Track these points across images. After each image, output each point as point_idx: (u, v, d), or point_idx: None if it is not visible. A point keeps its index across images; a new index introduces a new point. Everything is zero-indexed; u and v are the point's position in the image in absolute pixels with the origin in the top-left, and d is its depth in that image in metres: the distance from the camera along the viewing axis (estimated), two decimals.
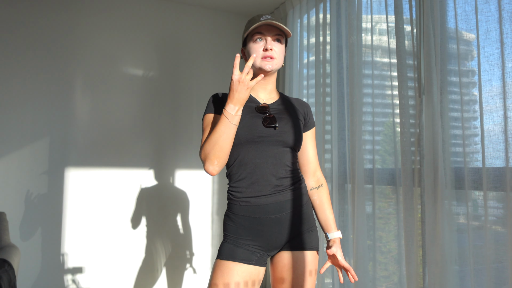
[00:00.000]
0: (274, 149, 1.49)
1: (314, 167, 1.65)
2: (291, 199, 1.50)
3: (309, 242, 1.53)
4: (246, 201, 1.47)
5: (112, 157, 3.09)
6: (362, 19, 2.38)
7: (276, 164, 1.49)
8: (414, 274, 1.94)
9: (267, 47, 1.49)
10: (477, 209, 1.76)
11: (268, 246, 1.49)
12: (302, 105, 1.65)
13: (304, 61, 3.09)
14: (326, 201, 1.62)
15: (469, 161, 1.76)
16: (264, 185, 1.47)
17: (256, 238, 1.47)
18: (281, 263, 1.52)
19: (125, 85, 3.17)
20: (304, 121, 1.62)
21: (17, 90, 2.84)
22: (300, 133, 1.55)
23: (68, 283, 2.90)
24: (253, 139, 1.47)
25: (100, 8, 3.12)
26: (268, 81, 1.57)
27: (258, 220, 1.46)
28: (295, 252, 1.51)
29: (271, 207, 1.46)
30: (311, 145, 1.65)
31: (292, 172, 1.53)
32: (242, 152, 1.48)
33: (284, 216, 1.49)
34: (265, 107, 1.53)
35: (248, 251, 1.46)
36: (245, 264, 1.44)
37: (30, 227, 2.82)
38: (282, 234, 1.49)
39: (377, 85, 2.29)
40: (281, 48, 1.54)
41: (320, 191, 1.63)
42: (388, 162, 2.26)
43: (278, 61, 1.52)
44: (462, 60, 1.83)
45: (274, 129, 1.48)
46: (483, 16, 1.66)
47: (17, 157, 2.81)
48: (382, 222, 2.26)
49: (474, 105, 1.82)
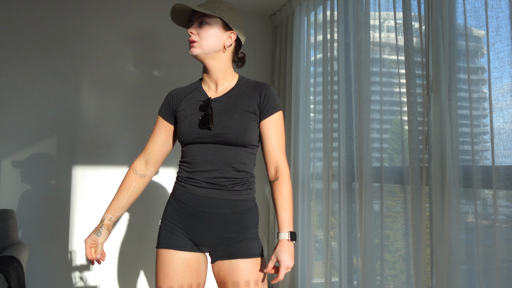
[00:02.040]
0: (215, 147, 1.46)
1: (275, 158, 1.49)
2: (226, 199, 1.45)
3: (245, 249, 1.43)
4: (183, 186, 1.50)
5: (119, 155, 3.11)
6: (370, 16, 2.36)
7: (215, 162, 1.45)
8: (422, 273, 1.92)
9: (187, 31, 1.48)
10: (487, 207, 1.74)
11: (194, 239, 1.46)
12: (259, 89, 1.51)
13: (311, 59, 3.07)
14: (279, 197, 1.45)
15: (478, 159, 1.73)
16: (200, 180, 1.47)
17: (184, 227, 1.47)
18: (221, 273, 1.45)
19: (132, 84, 3.18)
20: (259, 109, 1.49)
21: (25, 89, 2.86)
22: (245, 130, 1.44)
23: (76, 281, 2.92)
24: (192, 140, 1.48)
25: (107, 7, 3.13)
26: (212, 69, 1.52)
27: (189, 208, 1.47)
28: (231, 260, 1.43)
29: (202, 199, 1.45)
30: (272, 133, 1.49)
31: (237, 172, 1.46)
32: (186, 148, 1.52)
33: (215, 214, 1.44)
34: (206, 104, 1.48)
35: (181, 237, 1.47)
36: (180, 251, 1.46)
37: (38, 224, 2.84)
38: (208, 231, 1.44)
39: (385, 83, 2.27)
40: (206, 30, 1.47)
41: (275, 186, 1.48)
42: (396, 160, 2.25)
43: (201, 44, 1.47)
44: (471, 57, 1.81)
45: (209, 129, 1.44)
46: (493, 12, 1.64)
47: (25, 155, 2.84)
48: (390, 220, 2.25)
49: (484, 102, 1.80)
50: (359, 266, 2.41)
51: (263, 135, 1.51)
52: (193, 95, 1.56)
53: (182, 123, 1.49)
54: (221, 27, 1.49)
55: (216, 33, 1.48)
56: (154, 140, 1.61)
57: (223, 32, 1.50)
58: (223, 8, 1.49)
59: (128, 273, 3.08)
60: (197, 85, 1.59)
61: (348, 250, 2.51)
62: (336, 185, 2.63)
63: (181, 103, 1.55)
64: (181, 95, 1.58)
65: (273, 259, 1.40)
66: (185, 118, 1.50)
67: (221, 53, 1.52)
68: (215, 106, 1.48)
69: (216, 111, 1.47)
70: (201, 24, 1.47)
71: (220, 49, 1.51)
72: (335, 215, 2.64)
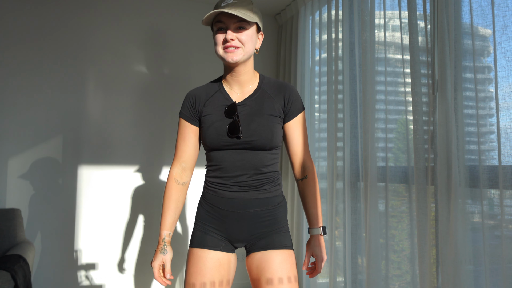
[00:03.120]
0: (243, 153, 1.46)
1: (302, 158, 1.56)
2: (256, 198, 1.48)
3: (278, 241, 1.48)
4: (214, 191, 1.51)
5: (125, 155, 3.12)
6: (375, 15, 2.35)
7: (244, 167, 1.47)
8: (427, 273, 1.91)
9: (226, 37, 1.41)
10: (493, 208, 1.73)
11: (230, 238, 1.50)
12: (282, 91, 1.52)
13: (316, 58, 3.07)
14: (309, 195, 1.54)
15: (484, 159, 1.72)
16: (230, 185, 1.48)
17: (218, 227, 1.49)
18: (254, 264, 1.49)
19: (138, 83, 3.19)
20: (284, 112, 1.51)
21: (31, 90, 2.88)
22: (272, 135, 1.46)
23: (82, 279, 2.94)
24: (219, 147, 1.47)
25: (112, 7, 3.14)
26: (239, 72, 1.49)
27: (222, 211, 1.49)
28: (265, 252, 1.47)
29: (235, 202, 1.47)
30: (297, 134, 1.54)
31: (263, 174, 1.49)
32: (212, 153, 1.51)
33: (247, 213, 1.48)
34: (233, 109, 1.46)
35: (215, 238, 1.49)
36: (213, 250, 1.48)
37: (44, 223, 2.86)
38: (242, 229, 1.48)
39: (390, 82, 2.26)
40: (247, 35, 1.43)
41: (304, 184, 1.56)
42: (401, 160, 2.24)
43: (244, 50, 1.43)
44: (477, 56, 1.79)
45: (238, 138, 1.44)
46: (500, 11, 1.63)
47: (31, 155, 2.85)
48: (395, 220, 2.24)
49: (490, 102, 1.79)
50: (364, 266, 2.41)
51: (289, 136, 1.55)
52: (216, 98, 1.52)
53: (208, 130, 1.47)
54: (256, 30, 1.48)
55: (253, 37, 1.47)
56: (186, 145, 1.55)
57: (256, 35, 1.49)
58: (255, 10, 1.47)
59: (135, 272, 3.09)
60: (218, 86, 1.55)
61: (353, 250, 2.51)
62: (340, 185, 2.63)
63: (205, 106, 1.51)
64: (202, 97, 1.54)
65: (308, 254, 1.51)
66: (211, 125, 1.47)
67: (252, 56, 1.51)
68: (241, 111, 1.47)
69: (242, 117, 1.46)
70: (239, 28, 1.43)
71: (254, 52, 1.50)
72: (339, 215, 2.63)
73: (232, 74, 1.50)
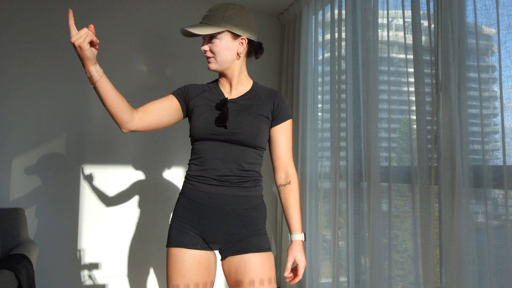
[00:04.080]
0: (227, 146, 1.49)
1: (285, 163, 1.58)
2: (236, 196, 1.49)
3: (256, 244, 1.48)
4: (193, 184, 1.51)
5: (128, 154, 3.12)
6: (378, 14, 2.35)
7: (226, 161, 1.49)
8: (431, 273, 1.91)
9: (201, 49, 1.54)
10: (497, 208, 1.72)
11: (205, 236, 1.49)
12: (273, 97, 1.57)
13: (319, 58, 3.06)
14: (292, 200, 1.56)
15: (488, 158, 1.71)
16: (210, 178, 1.49)
17: (195, 224, 1.49)
18: (232, 268, 1.49)
19: (140, 83, 3.20)
20: (272, 115, 1.56)
21: (34, 89, 2.89)
22: (258, 132, 1.50)
23: (85, 279, 2.94)
24: (206, 136, 1.50)
25: (114, 6, 3.15)
26: (228, 76, 1.57)
27: (199, 206, 1.49)
28: (243, 255, 1.47)
29: (213, 197, 1.48)
30: (283, 139, 1.57)
31: (245, 171, 1.50)
32: (197, 145, 1.53)
33: (225, 210, 1.48)
34: (223, 103, 1.52)
35: (191, 236, 1.49)
36: (191, 249, 1.48)
37: (48, 223, 2.87)
38: (219, 228, 1.48)
39: (393, 82, 2.26)
40: (217, 46, 1.50)
41: (286, 189, 1.57)
42: (405, 160, 2.23)
43: (216, 60, 1.52)
44: (481, 56, 1.78)
45: (225, 128, 1.48)
46: (505, 10, 1.62)
47: (34, 154, 2.86)
48: (398, 220, 2.23)
49: (494, 101, 1.78)
50: (367, 266, 2.40)
51: (274, 141, 1.58)
52: (210, 93, 1.60)
53: (198, 119, 1.52)
54: (231, 38, 1.52)
55: (227, 45, 1.51)
56: (154, 102, 1.53)
57: (233, 41, 1.52)
58: (228, 15, 1.49)
59: (138, 271, 3.09)
60: (214, 85, 1.64)
61: (356, 250, 2.50)
62: (344, 185, 2.62)
63: (197, 97, 1.58)
64: (198, 89, 1.61)
65: (290, 259, 1.50)
66: (201, 114, 1.52)
67: (236, 61, 1.56)
68: (231, 107, 1.53)
69: (232, 111, 1.51)
70: (211, 38, 1.51)
71: (234, 58, 1.54)
72: (342, 215, 2.62)
73: (224, 77, 1.60)
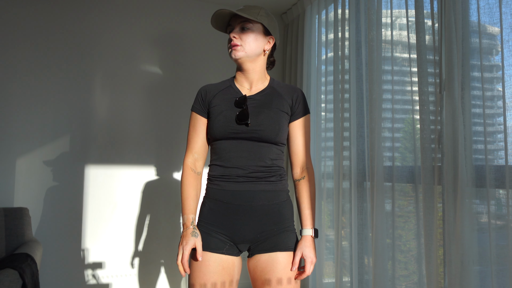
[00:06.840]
0: (249, 144, 1.49)
1: (302, 158, 1.58)
2: (264, 191, 1.48)
3: (285, 242, 1.48)
4: (218, 184, 1.50)
5: (131, 154, 3.13)
6: (382, 14, 2.34)
7: (249, 158, 1.48)
8: (434, 273, 1.90)
9: (230, 36, 1.53)
10: (501, 208, 1.71)
11: (234, 236, 1.47)
12: (291, 92, 1.58)
13: (322, 57, 3.06)
14: (305, 195, 1.55)
15: (491, 158, 1.70)
16: (236, 176, 1.48)
17: (222, 226, 1.47)
18: (259, 267, 1.48)
19: (145, 83, 3.21)
20: (291, 111, 1.56)
21: (39, 89, 2.90)
22: (279, 128, 1.50)
23: (89, 278, 2.96)
24: (227, 135, 1.49)
25: (121, 6, 3.16)
26: (248, 71, 1.57)
27: (226, 205, 1.47)
28: (271, 254, 1.46)
29: (240, 194, 1.47)
30: (300, 134, 1.57)
31: (269, 167, 1.50)
32: (218, 144, 1.53)
33: (254, 207, 1.47)
34: (242, 101, 1.51)
35: (218, 239, 1.47)
36: (216, 253, 1.46)
37: (52, 222, 2.88)
38: (248, 226, 1.46)
39: (397, 81, 2.25)
40: (248, 35, 1.52)
41: (301, 184, 1.56)
42: (408, 160, 2.22)
43: (244, 48, 1.51)
44: (485, 55, 1.77)
45: (246, 125, 1.47)
46: (508, 9, 1.61)
47: (38, 154, 2.88)
48: (402, 220, 2.22)
49: (498, 101, 1.77)
50: (370, 266, 2.39)
51: (292, 136, 1.58)
52: (226, 92, 1.58)
53: (217, 118, 1.51)
54: (262, 32, 1.55)
55: (258, 37, 1.53)
56: (198, 137, 1.58)
57: (263, 37, 1.55)
58: (263, 14, 1.54)
59: (148, 271, 3.10)
60: (229, 82, 1.62)
61: (359, 250, 2.50)
62: (347, 185, 2.62)
63: (214, 98, 1.57)
64: (213, 90, 1.59)
65: (298, 254, 1.48)
66: (220, 113, 1.51)
67: (261, 56, 1.57)
68: (250, 104, 1.52)
69: (251, 108, 1.51)
70: (243, 29, 1.52)
71: (260, 53, 1.56)
72: (346, 215, 2.62)
73: (242, 72, 1.58)
